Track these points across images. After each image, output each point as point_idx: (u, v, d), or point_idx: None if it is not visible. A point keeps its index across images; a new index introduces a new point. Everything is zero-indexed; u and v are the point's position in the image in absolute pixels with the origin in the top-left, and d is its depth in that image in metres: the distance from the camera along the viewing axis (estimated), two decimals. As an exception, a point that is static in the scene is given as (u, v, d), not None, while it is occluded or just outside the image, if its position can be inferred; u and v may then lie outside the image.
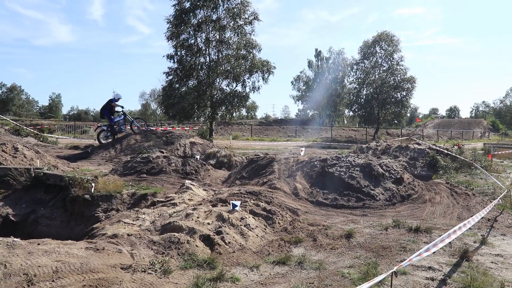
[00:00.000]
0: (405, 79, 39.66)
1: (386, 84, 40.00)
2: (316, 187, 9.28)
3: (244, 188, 9.03)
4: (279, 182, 9.58)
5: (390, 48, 40.08)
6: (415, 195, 9.16)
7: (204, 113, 29.36)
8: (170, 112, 28.18)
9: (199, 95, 27.43)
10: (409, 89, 39.62)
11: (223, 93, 28.96)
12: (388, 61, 40.48)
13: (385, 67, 40.66)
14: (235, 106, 29.13)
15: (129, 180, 10.75)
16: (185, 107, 27.33)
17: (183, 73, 27.52)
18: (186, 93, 27.63)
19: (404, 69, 40.15)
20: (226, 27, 28.03)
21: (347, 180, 9.24)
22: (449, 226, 6.90)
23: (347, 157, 10.45)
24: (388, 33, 40.24)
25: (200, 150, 17.03)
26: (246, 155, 17.47)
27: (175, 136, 17.85)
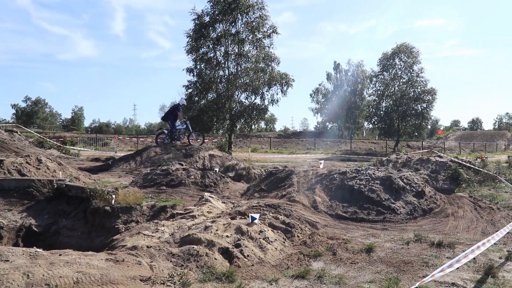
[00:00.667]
0: (425, 91, 39.20)
1: (406, 96, 39.60)
2: (336, 200, 9.19)
3: (263, 200, 9.01)
4: (298, 195, 9.52)
5: (409, 60, 39.76)
6: (437, 209, 8.99)
7: (223, 126, 29.58)
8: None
9: (218, 108, 27.68)
10: (430, 101, 39.12)
11: (242, 106, 29.14)
12: (408, 73, 40.13)
13: (405, 79, 40.31)
14: (254, 119, 29.28)
15: (148, 192, 10.85)
16: (204, 119, 27.60)
17: (203, 86, 27.86)
18: (205, 106, 27.93)
19: (424, 80, 39.75)
20: (245, 40, 28.34)
21: (367, 193, 9.13)
22: (473, 241, 6.73)
23: (367, 170, 10.34)
24: (408, 45, 39.98)
25: (219, 162, 17.09)
26: (265, 167, 17.44)
27: (194, 148, 17.96)
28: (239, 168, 15.43)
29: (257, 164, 19.74)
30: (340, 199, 9.22)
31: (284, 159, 26.63)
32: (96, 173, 15.16)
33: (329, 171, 11.03)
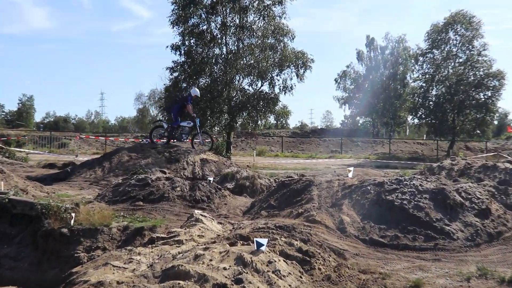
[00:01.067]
0: (490, 74, 38.98)
1: (464, 81, 39.43)
2: (370, 221, 9.16)
3: (273, 221, 8.97)
4: (319, 214, 9.49)
5: (468, 33, 39.58)
6: (508, 233, 8.95)
7: (220, 121, 29.60)
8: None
9: (213, 98, 27.66)
10: (496, 87, 38.92)
11: (245, 94, 29.17)
12: (466, 51, 39.99)
13: (462, 59, 40.18)
14: (261, 112, 29.27)
15: (120, 209, 10.84)
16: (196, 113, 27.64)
17: (193, 68, 27.87)
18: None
19: (488, 60, 39.50)
20: (249, 8, 28.35)
21: (412, 212, 9.10)
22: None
23: (411, 180, 10.29)
24: (465, 13, 39.80)
25: (214, 170, 17.10)
26: (275, 176, 17.41)
27: (181, 151, 17.99)
28: (241, 177, 15.43)
29: (265, 172, 19.73)
30: (375, 219, 9.19)
31: (301, 166, 26.61)
32: (51, 184, 15.18)
33: (360, 181, 10.99)
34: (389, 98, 60.84)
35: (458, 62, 40.42)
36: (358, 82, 65.15)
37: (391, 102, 61.01)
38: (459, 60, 40.42)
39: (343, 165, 26.81)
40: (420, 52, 42.73)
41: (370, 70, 64.22)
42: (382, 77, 62.32)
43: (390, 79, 61.27)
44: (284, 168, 24.59)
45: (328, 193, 10.64)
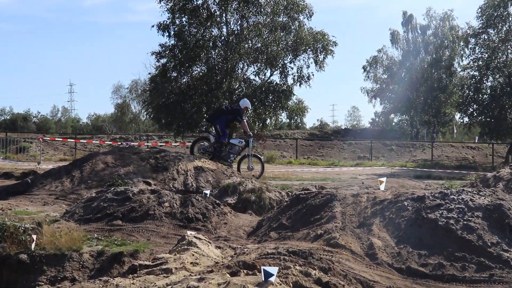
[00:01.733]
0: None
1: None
2: (407, 245, 9.13)
3: (285, 245, 8.97)
4: (343, 236, 9.48)
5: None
6: None
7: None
8: (163, 118, 28.49)
9: (211, 90, 27.64)
10: None
11: (250, 86, 29.14)
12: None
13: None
14: (270, 108, 29.21)
15: (93, 230, 10.86)
16: (187, 109, 27.58)
17: (185, 53, 27.82)
18: (189, 87, 27.91)
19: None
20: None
21: (461, 234, 9.04)
22: None
23: (460, 194, 10.24)
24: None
25: (211, 180, 17.10)
26: (288, 189, 17.40)
27: (171, 157, 18.00)
28: (245, 190, 15.43)
29: (275, 183, 19.73)
30: (414, 243, 9.15)
31: (320, 175, 26.58)
32: (6, 198, 15.21)
33: (395, 195, 10.97)
34: (431, 90, 60.62)
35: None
36: (392, 71, 64.88)
37: (434, 96, 60.76)
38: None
39: (374, 174, 26.74)
40: (471, 32, 42.66)
41: (408, 55, 63.95)
42: (423, 64, 62.06)
43: (433, 66, 61.05)
44: (299, 178, 24.57)
45: (355, 210, 10.63)
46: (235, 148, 19.14)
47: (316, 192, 12.03)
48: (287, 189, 17.45)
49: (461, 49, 54.75)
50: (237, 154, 19.48)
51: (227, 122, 19.04)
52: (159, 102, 28.06)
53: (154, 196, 12.44)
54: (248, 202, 14.90)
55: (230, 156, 19.07)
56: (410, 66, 63.06)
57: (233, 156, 19.21)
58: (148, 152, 18.51)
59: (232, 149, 19.07)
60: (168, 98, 27.71)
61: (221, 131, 18.83)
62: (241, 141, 19.35)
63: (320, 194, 11.73)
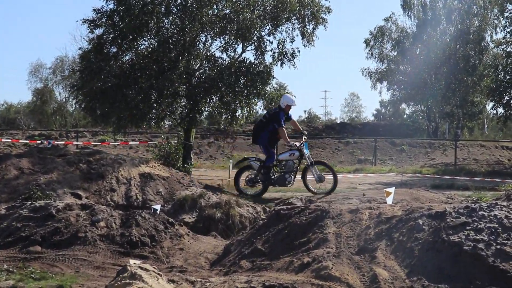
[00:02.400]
0: None
1: None
2: (423, 277, 9.17)
3: (260, 277, 8.99)
4: (337, 265, 9.51)
5: None
6: None
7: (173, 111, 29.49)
8: (98, 109, 28.27)
9: (163, 72, 27.51)
10: None
11: (216, 66, 29.04)
12: None
13: None
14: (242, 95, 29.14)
15: (2, 258, 10.77)
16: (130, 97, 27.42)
17: (128, 22, 27.64)
18: (133, 67, 27.79)
19: None
20: None
21: (494, 262, 9.09)
22: None
23: (492, 210, 10.30)
24: None
25: (162, 192, 17.09)
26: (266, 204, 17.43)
27: (108, 161, 17.96)
28: (208, 205, 15.45)
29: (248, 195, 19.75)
30: (431, 275, 9.20)
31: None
32: None
33: (407, 211, 11.03)
34: (455, 72, 60.87)
35: None
36: (403, 46, 64.84)
37: (459, 80, 61.05)
38: None
39: (378, 184, 26.94)
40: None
41: (424, 25, 64.13)
42: (444, 37, 62.38)
43: (457, 40, 61.37)
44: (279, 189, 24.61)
45: (353, 231, 10.68)
46: (289, 164, 18.53)
47: (302, 208, 12.05)
48: (264, 203, 17.48)
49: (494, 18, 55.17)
50: (295, 171, 18.77)
51: (271, 137, 18.39)
52: (93, 87, 27.66)
53: (85, 213, 12.36)
54: (212, 220, 14.90)
55: (286, 177, 18.49)
56: (427, 40, 63.16)
57: (289, 176, 18.56)
58: (77, 154, 18.42)
59: (286, 167, 18.53)
60: (105, 82, 27.39)
61: (266, 152, 18.56)
62: (292, 153, 18.46)
63: (307, 209, 11.76)
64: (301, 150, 18.23)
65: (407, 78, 64.39)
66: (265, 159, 18.57)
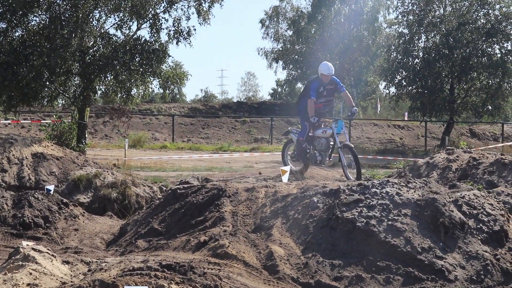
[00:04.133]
0: (509, 14, 40.43)
1: (470, 26, 40.71)
2: (317, 253, 9.29)
3: (157, 256, 8.98)
4: (234, 243, 9.56)
5: None
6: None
7: (67, 90, 29.12)
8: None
9: (55, 49, 27.11)
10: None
11: (110, 43, 28.84)
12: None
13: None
14: (137, 74, 29.02)
15: None
16: (21, 75, 26.93)
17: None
18: (23, 44, 27.29)
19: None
20: None
21: (385, 238, 9.30)
22: None
23: (383, 187, 10.53)
24: None
25: (56, 172, 16.88)
26: (162, 182, 17.41)
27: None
28: (103, 185, 15.36)
29: (144, 174, 19.72)
30: (326, 251, 9.34)
31: (205, 164, 26.75)
32: None
33: (302, 189, 11.16)
34: (350, 52, 61.67)
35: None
36: (298, 26, 65.42)
37: (354, 59, 61.87)
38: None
39: (274, 162, 27.13)
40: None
41: (319, 5, 64.58)
42: (338, 17, 63.09)
43: (351, 20, 62.17)
44: (176, 168, 24.61)
45: (249, 209, 10.74)
46: (322, 142, 15.66)
47: (199, 187, 12.07)
48: (160, 182, 17.47)
49: (386, 1, 56.10)
50: (328, 150, 15.83)
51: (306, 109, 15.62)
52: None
53: (-25, 194, 12.14)
54: (107, 200, 14.83)
55: (316, 156, 15.72)
56: (322, 20, 63.72)
57: (320, 155, 15.69)
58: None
59: (318, 145, 15.70)
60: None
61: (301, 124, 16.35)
62: (325, 130, 15.66)
63: (204, 188, 11.78)
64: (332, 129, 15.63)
65: (302, 57, 65.04)
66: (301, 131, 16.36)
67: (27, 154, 17.18)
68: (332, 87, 15.64)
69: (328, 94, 15.71)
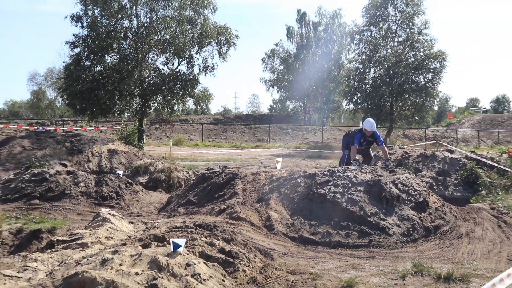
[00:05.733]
0: (430, 55, 40.17)
1: (403, 62, 40.60)
2: (300, 217, 9.34)
3: (192, 219, 9.01)
4: (244, 210, 9.60)
5: (409, 9, 40.74)
6: (446, 226, 9.36)
7: (130, 106, 29.18)
8: (78, 104, 27.73)
9: (122, 78, 27.18)
10: (437, 70, 40.14)
11: (159, 75, 28.88)
12: (406, 29, 41.13)
13: (402, 38, 41.28)
14: (178, 95, 29.13)
15: (12, 209, 10.54)
16: (100, 96, 26.99)
17: (97, 43, 27.18)
18: (102, 75, 27.30)
19: (430, 40, 40.76)
20: (163, -27, 28.03)
21: (346, 206, 9.35)
22: (496, 271, 7.07)
23: (345, 172, 10.58)
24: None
25: (124, 162, 16.89)
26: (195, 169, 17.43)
27: (85, 141, 17.65)
28: (155, 170, 15.36)
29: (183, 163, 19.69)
30: (306, 215, 9.38)
31: (224, 157, 26.71)
32: None
33: (290, 173, 11.19)
34: (322, 80, 61.64)
35: (398, 41, 41.40)
36: (288, 62, 65.70)
37: (325, 85, 61.93)
38: (398, 39, 41.42)
39: (271, 155, 27.10)
40: (356, 29, 43.48)
41: (302, 49, 64.67)
42: (315, 56, 63.14)
43: (323, 59, 62.11)
44: (204, 159, 24.59)
45: (254, 187, 10.77)
46: None
47: (220, 172, 12.11)
48: (193, 169, 17.47)
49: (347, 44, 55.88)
50: None
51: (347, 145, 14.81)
52: (73, 89, 27.21)
53: (70, 176, 12.19)
54: (158, 181, 14.84)
55: None
56: (303, 59, 63.80)
57: None
58: (63, 136, 18.05)
59: None
60: (82, 85, 26.93)
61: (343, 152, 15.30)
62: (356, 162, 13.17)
63: (223, 173, 11.82)
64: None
65: (290, 84, 65.45)
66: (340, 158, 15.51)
67: (104, 149, 17.22)
68: (372, 140, 14.26)
69: (367, 144, 14.44)
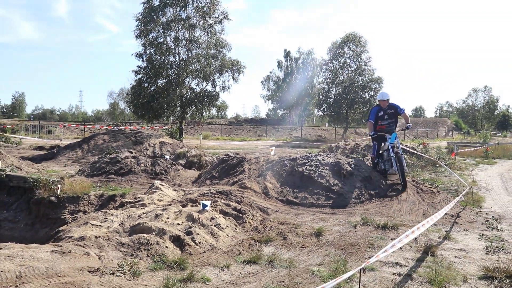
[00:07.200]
0: (372, 79, 40.22)
1: (355, 84, 40.54)
2: (286, 186, 9.31)
3: (215, 188, 9.00)
4: (249, 182, 9.57)
5: (358, 49, 40.69)
6: (382, 192, 9.33)
7: (174, 113, 29.22)
8: (139, 112, 27.80)
9: (169, 94, 27.22)
10: (377, 89, 40.15)
11: (193, 92, 28.88)
12: (356, 62, 41.09)
13: (353, 68, 41.25)
14: (205, 106, 29.18)
15: (96, 181, 10.54)
16: (154, 106, 27.03)
17: (153, 72, 27.22)
18: (155, 92, 27.35)
19: (371, 69, 40.75)
20: (196, 26, 28.01)
21: (317, 179, 9.31)
22: (415, 222, 7.07)
23: (316, 156, 10.53)
24: (356, 34, 40.93)
25: (169, 150, 16.87)
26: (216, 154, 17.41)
27: (144, 136, 17.62)
28: (190, 156, 15.34)
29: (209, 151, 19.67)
30: (290, 185, 9.35)
31: (236, 146, 26.69)
32: (40, 162, 14.50)
33: (280, 157, 11.15)
34: (301, 96, 61.95)
35: (351, 70, 41.37)
36: (278, 84, 66.15)
37: (303, 99, 62.21)
38: (351, 68, 41.40)
39: (267, 145, 27.15)
40: (323, 62, 43.66)
41: (287, 75, 64.93)
42: (296, 80, 63.38)
43: (302, 82, 62.32)
44: (223, 148, 24.59)
45: (256, 167, 10.74)
46: (384, 155, 9.97)
47: (233, 156, 12.07)
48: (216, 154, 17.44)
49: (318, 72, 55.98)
50: (389, 160, 9.72)
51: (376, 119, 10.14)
52: (137, 102, 27.35)
53: (134, 159, 12.16)
54: (192, 162, 14.81)
55: (381, 165, 10.07)
56: (288, 82, 63.97)
57: (384, 164, 9.93)
58: (130, 132, 18.00)
59: (383, 157, 10.03)
60: (142, 99, 27.02)
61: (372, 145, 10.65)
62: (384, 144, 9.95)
63: (235, 157, 11.78)
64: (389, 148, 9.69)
65: (280, 99, 65.40)
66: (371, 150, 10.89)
67: (156, 142, 17.19)
68: (393, 111, 9.87)
69: (389, 117, 9.93)
